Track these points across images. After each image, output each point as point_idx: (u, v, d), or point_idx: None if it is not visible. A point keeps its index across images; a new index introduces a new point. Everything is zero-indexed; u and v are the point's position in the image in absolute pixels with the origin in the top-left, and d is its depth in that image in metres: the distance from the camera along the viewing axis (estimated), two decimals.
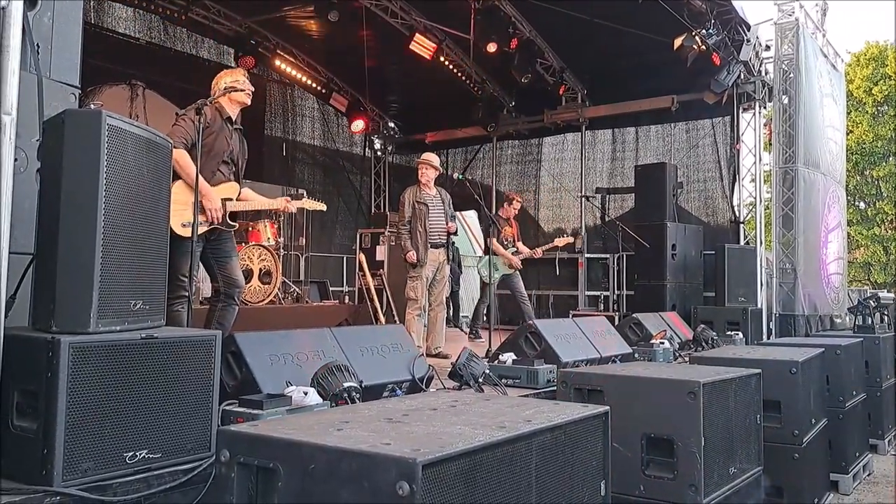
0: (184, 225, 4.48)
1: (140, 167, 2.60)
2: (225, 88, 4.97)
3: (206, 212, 4.74)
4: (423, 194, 7.12)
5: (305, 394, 3.09)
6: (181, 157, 4.56)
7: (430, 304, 7.16)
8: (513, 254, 9.01)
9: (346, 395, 3.25)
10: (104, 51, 9.95)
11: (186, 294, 4.52)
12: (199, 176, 4.55)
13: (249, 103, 5.17)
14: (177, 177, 4.57)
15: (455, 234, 8.16)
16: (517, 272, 9.08)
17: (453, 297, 9.83)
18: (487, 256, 8.81)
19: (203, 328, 4.51)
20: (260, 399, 2.96)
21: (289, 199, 5.45)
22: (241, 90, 5.01)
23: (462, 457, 1.76)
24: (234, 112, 5.07)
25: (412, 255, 6.94)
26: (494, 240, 8.63)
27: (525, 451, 2.01)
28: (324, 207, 5.57)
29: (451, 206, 7.34)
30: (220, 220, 4.83)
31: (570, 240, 9.67)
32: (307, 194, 12.52)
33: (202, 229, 4.68)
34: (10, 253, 2.47)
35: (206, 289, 8.10)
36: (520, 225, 9.61)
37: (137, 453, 2.41)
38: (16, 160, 2.72)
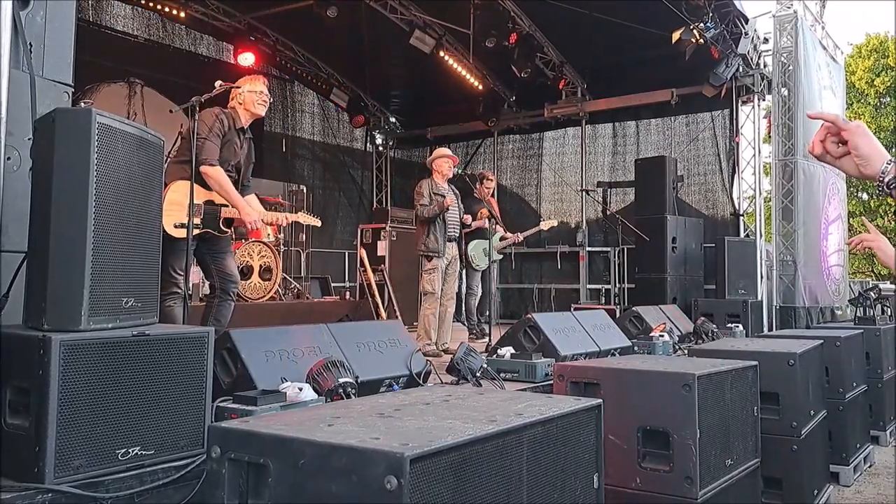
0: (176, 226, 4.48)
1: (131, 165, 2.59)
2: (243, 99, 5.02)
3: (247, 227, 4.89)
4: (440, 187, 7.03)
5: (300, 390, 3.09)
6: (217, 174, 4.69)
7: (441, 299, 7.11)
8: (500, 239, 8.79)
9: (341, 390, 3.26)
10: (102, 48, 9.96)
11: (179, 290, 4.54)
12: (230, 190, 4.74)
13: (263, 115, 5.20)
14: (175, 178, 4.59)
15: (468, 227, 8.12)
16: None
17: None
18: (480, 242, 8.67)
19: (200, 324, 4.51)
20: (254, 395, 2.95)
21: (284, 215, 5.45)
22: (261, 103, 5.07)
23: (451, 451, 1.75)
24: (247, 121, 5.07)
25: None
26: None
27: (515, 444, 2.01)
28: (318, 223, 5.56)
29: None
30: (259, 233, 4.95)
31: (555, 223, 9.43)
32: (307, 190, 12.67)
33: (194, 232, 4.69)
34: (3, 251, 2.49)
35: (206, 286, 8.13)
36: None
37: (130, 450, 2.41)
38: (8, 159, 2.74)
